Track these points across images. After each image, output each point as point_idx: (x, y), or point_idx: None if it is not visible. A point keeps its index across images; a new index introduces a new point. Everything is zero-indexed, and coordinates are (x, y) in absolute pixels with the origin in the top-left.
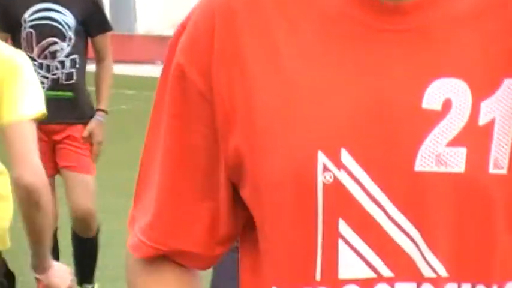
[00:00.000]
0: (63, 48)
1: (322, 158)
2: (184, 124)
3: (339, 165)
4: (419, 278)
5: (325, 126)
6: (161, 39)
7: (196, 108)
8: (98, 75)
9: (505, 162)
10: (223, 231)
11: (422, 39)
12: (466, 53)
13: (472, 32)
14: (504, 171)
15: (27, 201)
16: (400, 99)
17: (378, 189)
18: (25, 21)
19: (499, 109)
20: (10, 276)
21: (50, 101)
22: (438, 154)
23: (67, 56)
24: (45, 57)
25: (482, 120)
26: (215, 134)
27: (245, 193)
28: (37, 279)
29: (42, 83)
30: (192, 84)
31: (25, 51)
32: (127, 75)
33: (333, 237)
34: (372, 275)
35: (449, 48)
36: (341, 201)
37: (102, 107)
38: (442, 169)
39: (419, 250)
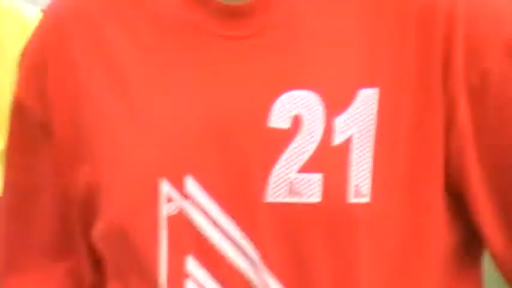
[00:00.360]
0: None
1: (165, 187)
2: (23, 162)
3: (184, 194)
4: None
5: (168, 152)
6: None
7: (36, 143)
8: None
9: (367, 189)
10: (89, 280)
11: (270, 45)
12: (319, 60)
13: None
14: (367, 198)
15: None
16: (244, 118)
17: (228, 222)
18: None
19: (355, 125)
20: None
21: None
22: (291, 182)
23: None
24: None
25: (337, 140)
26: (61, 171)
27: (94, 235)
28: None
29: None
30: (30, 114)
31: None
32: None
33: (179, 277)
34: None
35: (300, 55)
36: (188, 236)
37: None
38: (296, 199)
39: None
